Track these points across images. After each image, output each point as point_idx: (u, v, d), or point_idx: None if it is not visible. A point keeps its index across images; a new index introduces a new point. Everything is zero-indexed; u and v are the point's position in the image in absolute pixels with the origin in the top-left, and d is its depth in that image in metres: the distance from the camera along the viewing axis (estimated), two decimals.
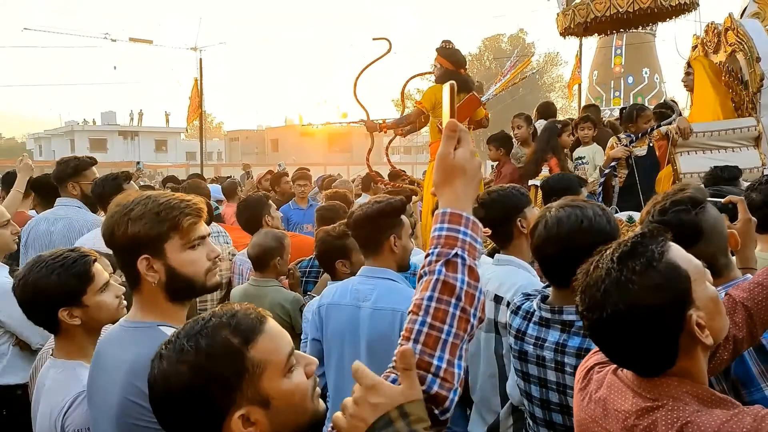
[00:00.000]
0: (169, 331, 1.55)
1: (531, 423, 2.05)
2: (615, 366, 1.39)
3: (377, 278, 2.51)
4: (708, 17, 6.37)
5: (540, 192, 4.81)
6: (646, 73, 23.87)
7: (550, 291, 2.01)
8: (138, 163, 16.10)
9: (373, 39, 6.42)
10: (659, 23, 7.87)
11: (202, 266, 1.66)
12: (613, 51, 24.10)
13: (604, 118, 8.12)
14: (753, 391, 1.68)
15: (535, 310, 1.99)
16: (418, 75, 6.77)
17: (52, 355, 2.02)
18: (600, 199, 5.82)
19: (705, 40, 6.45)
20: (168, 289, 1.63)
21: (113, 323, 2.21)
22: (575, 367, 1.67)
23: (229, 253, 4.10)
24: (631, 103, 14.06)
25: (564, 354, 1.86)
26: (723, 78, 6.06)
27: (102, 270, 2.04)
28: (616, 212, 5.48)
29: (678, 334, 1.23)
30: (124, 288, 2.07)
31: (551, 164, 5.59)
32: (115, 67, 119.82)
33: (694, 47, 6.71)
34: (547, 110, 7.11)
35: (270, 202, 4.28)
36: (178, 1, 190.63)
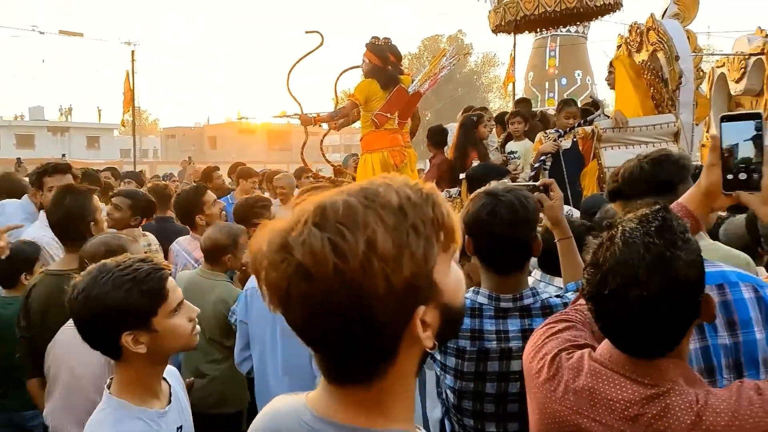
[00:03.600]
0: None
1: (471, 423, 2.00)
2: (587, 350, 1.34)
3: None
4: (635, 18, 6.59)
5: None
6: (578, 75, 24.59)
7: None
8: (63, 155, 15.47)
9: (306, 32, 6.38)
10: (590, 25, 8.14)
11: None
12: (547, 53, 24.74)
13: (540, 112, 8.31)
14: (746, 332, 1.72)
15: (482, 304, 1.94)
16: (349, 69, 6.75)
17: (108, 386, 1.70)
18: None
19: (629, 40, 6.68)
20: None
21: (185, 351, 1.94)
22: None
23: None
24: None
25: None
26: (644, 76, 6.29)
27: (176, 287, 1.72)
28: None
29: (697, 311, 1.23)
30: (197, 309, 1.80)
31: (472, 157, 5.69)
32: (43, 61, 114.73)
33: (619, 47, 6.95)
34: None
35: (208, 193, 4.19)
36: None
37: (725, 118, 1.42)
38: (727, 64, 6.59)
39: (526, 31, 8.62)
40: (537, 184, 2.17)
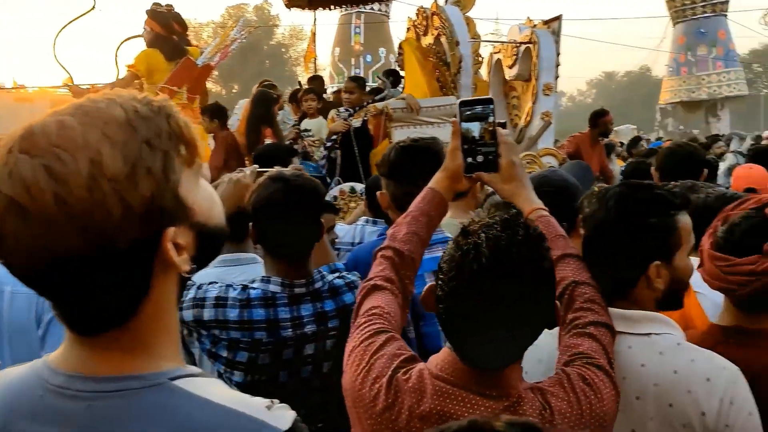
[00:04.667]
0: None
1: None
2: (422, 366, 1.24)
3: None
4: (424, 2, 6.86)
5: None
6: (382, 52, 25.37)
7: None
8: None
9: None
10: (391, 4, 8.31)
11: None
12: (352, 29, 25.17)
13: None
14: (427, 324, 1.90)
15: (275, 293, 1.89)
16: (130, 38, 6.24)
17: None
18: (325, 171, 6.03)
19: (416, 23, 6.96)
20: None
21: None
22: (337, 328, 1.74)
23: None
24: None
25: (326, 321, 1.89)
26: (430, 59, 6.59)
27: None
28: (339, 183, 5.70)
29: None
30: None
31: (266, 134, 5.58)
32: None
33: (408, 29, 7.21)
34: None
35: None
36: None
37: (463, 104, 1.46)
38: (503, 50, 7.13)
39: (320, 8, 8.61)
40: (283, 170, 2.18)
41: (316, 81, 7.72)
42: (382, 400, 1.21)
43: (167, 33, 5.71)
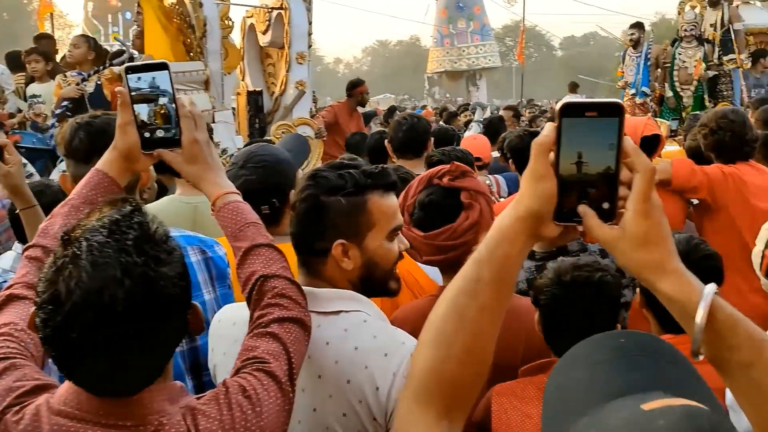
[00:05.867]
0: None
1: None
2: (44, 398, 1.02)
3: None
4: None
5: None
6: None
7: None
8: None
9: None
10: None
11: None
12: None
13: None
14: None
15: None
16: None
17: None
18: (55, 143, 5.46)
19: None
20: None
21: None
22: None
23: None
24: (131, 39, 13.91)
25: None
26: (174, 20, 6.11)
27: None
28: None
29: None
30: None
31: None
32: None
33: None
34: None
35: None
36: None
37: (131, 70, 1.30)
38: (255, 15, 6.88)
39: None
40: None
41: (44, 40, 6.83)
42: None
43: None
